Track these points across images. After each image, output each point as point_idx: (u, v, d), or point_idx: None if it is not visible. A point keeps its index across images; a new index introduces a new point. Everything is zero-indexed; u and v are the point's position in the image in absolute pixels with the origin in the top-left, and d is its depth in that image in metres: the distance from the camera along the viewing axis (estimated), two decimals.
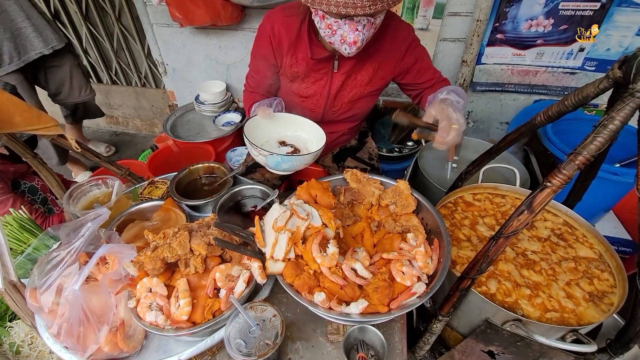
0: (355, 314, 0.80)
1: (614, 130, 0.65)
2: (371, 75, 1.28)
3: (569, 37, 1.81)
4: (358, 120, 1.51)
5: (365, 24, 1.01)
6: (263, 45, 1.27)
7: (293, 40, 1.21)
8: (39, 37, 2.04)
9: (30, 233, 1.24)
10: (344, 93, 1.33)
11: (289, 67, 1.28)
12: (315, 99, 1.35)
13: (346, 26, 1.00)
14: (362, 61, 1.25)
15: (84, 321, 0.81)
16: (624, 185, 1.53)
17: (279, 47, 1.24)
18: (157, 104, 3.22)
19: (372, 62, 1.25)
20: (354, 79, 1.29)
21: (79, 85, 2.41)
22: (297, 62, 1.26)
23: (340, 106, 1.37)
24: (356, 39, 1.02)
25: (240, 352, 0.77)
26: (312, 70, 1.27)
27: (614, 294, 0.98)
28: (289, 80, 1.34)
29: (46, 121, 1.12)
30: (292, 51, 1.24)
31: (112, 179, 1.29)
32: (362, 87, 1.31)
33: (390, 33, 1.21)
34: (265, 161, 1.05)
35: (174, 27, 2.43)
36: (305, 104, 1.38)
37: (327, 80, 1.29)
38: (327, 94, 1.33)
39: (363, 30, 1.01)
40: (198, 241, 0.91)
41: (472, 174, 1.26)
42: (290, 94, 1.39)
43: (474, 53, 1.95)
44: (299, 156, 1.05)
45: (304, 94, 1.35)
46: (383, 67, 1.27)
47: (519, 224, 0.76)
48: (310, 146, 1.21)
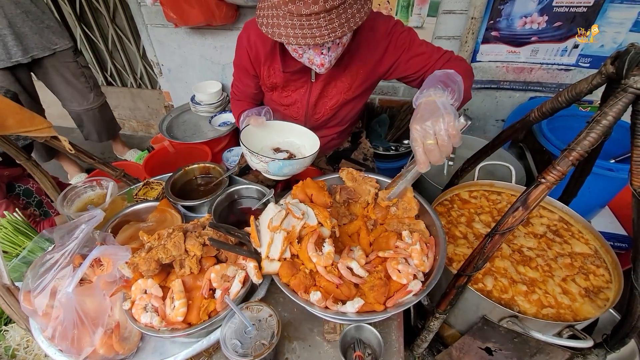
0: (351, 312, 0.80)
1: (607, 126, 0.65)
2: (350, 81, 1.23)
3: (563, 34, 1.81)
4: (345, 124, 1.47)
5: (331, 46, 0.98)
6: (242, 57, 1.27)
7: (269, 52, 1.19)
8: (19, 45, 2.01)
9: (25, 236, 1.23)
10: (324, 101, 1.30)
11: (267, 78, 1.27)
12: (296, 107, 1.33)
13: (311, 51, 0.99)
14: (339, 69, 1.20)
15: (78, 324, 0.81)
16: (619, 180, 1.53)
17: (256, 59, 1.23)
18: (153, 104, 3.20)
19: (350, 68, 1.20)
20: (333, 86, 1.25)
21: (77, 93, 2.38)
22: (275, 74, 1.24)
23: (322, 114, 1.34)
24: (322, 61, 1.01)
25: (236, 352, 0.77)
26: (290, 80, 1.25)
27: (609, 289, 0.98)
28: (268, 90, 1.33)
29: (39, 123, 1.11)
30: (269, 62, 1.22)
31: (107, 180, 1.28)
32: (342, 94, 1.27)
33: (365, 35, 1.13)
34: (266, 168, 1.05)
35: (169, 28, 2.42)
36: (287, 112, 1.37)
37: (306, 89, 1.27)
38: (306, 103, 1.30)
39: (328, 53, 0.99)
40: (193, 242, 0.91)
41: (468, 172, 1.26)
42: (271, 102, 1.39)
43: (469, 51, 1.95)
44: (299, 159, 1.06)
45: (285, 103, 1.34)
46: (362, 72, 1.22)
47: (514, 221, 0.76)
48: (303, 151, 1.22)
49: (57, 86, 2.33)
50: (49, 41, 2.12)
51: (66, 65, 2.26)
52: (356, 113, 1.45)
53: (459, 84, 0.89)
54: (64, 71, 2.27)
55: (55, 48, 2.15)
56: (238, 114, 1.36)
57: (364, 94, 1.33)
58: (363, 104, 1.43)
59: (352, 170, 1.10)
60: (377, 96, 2.34)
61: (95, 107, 2.48)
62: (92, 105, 2.46)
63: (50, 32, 2.12)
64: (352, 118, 1.47)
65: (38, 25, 2.05)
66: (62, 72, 2.27)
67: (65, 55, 2.23)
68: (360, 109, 1.44)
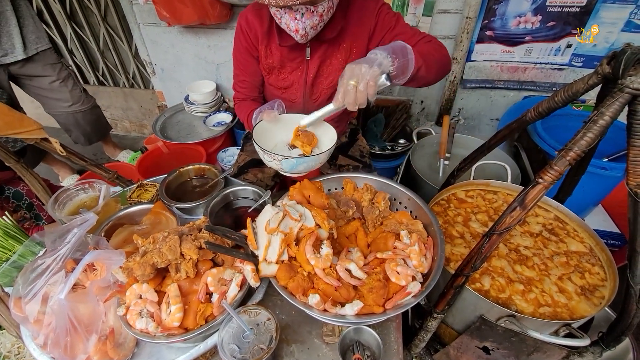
0: (350, 315, 0.79)
1: (604, 126, 0.65)
2: (345, 58, 1.25)
3: (557, 34, 1.83)
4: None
5: (304, 13, 1.01)
6: (241, 41, 1.28)
7: (265, 31, 1.22)
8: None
9: (15, 240, 1.20)
10: (320, 80, 1.31)
11: (264, 58, 1.28)
12: (294, 89, 1.34)
13: (286, 15, 1.03)
14: (333, 45, 1.23)
15: (71, 330, 0.79)
16: (612, 179, 1.55)
17: (255, 38, 1.25)
18: (146, 104, 3.16)
19: (344, 45, 1.23)
20: (328, 64, 1.27)
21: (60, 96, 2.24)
22: (271, 53, 1.26)
23: (319, 94, 1.35)
24: (297, 27, 1.04)
25: (234, 357, 0.76)
26: (286, 59, 1.26)
27: (605, 287, 0.99)
28: (266, 72, 1.33)
29: (29, 125, 1.09)
30: (266, 42, 1.25)
31: (100, 182, 1.26)
32: (338, 71, 1.28)
33: (356, 12, 1.18)
34: (279, 166, 1.02)
35: (162, 27, 2.39)
36: (285, 95, 1.36)
37: (303, 70, 1.28)
38: (304, 83, 1.31)
39: (302, 19, 1.02)
40: (189, 245, 0.89)
41: (464, 171, 1.26)
42: (269, 87, 1.38)
43: (464, 50, 1.96)
44: (314, 156, 1.02)
45: (282, 85, 1.34)
46: (356, 49, 1.24)
47: (512, 221, 0.76)
48: (320, 145, 1.16)
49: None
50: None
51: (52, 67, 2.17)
52: None
53: (409, 60, 0.94)
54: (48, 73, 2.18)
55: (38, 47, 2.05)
56: (247, 115, 1.33)
57: None
58: None
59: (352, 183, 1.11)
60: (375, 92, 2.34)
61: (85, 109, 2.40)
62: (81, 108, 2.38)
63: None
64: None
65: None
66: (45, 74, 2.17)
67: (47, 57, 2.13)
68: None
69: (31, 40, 1.97)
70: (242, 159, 1.59)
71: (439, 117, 2.32)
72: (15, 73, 2.04)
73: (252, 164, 1.54)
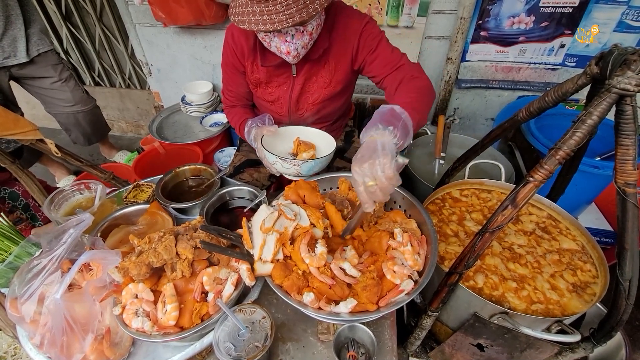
0: (344, 313, 0.80)
1: (592, 125, 0.66)
2: (330, 76, 1.26)
3: (550, 34, 1.84)
4: (330, 121, 1.48)
5: (294, 34, 1.02)
6: (229, 55, 1.30)
7: (251, 48, 1.23)
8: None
9: (11, 241, 1.20)
10: (306, 96, 1.32)
11: (251, 74, 1.30)
12: (280, 103, 1.35)
13: (276, 38, 1.03)
14: (318, 63, 1.23)
15: (67, 330, 0.79)
16: (605, 177, 1.57)
17: (241, 54, 1.27)
18: (142, 105, 3.16)
19: (328, 63, 1.23)
20: (314, 81, 1.28)
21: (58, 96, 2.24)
22: (258, 69, 1.27)
23: (305, 109, 1.36)
24: (288, 49, 1.05)
25: (229, 355, 0.76)
26: (272, 75, 1.28)
27: (596, 284, 1.00)
28: (253, 86, 1.35)
29: (24, 126, 1.09)
30: (252, 58, 1.26)
31: (95, 183, 1.26)
32: (323, 89, 1.29)
33: (340, 30, 1.17)
34: (299, 170, 1.13)
35: (158, 27, 2.38)
36: (272, 107, 1.38)
37: (288, 85, 1.29)
38: (289, 99, 1.32)
39: (293, 40, 1.03)
40: (184, 245, 0.90)
41: (458, 170, 1.27)
42: (257, 99, 1.41)
43: (458, 50, 1.97)
44: (325, 156, 1.15)
45: (269, 99, 1.36)
46: (340, 67, 1.24)
47: (504, 219, 0.77)
48: (318, 149, 1.30)
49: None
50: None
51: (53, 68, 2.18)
52: (339, 110, 1.46)
53: (405, 120, 0.87)
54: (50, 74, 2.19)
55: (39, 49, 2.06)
56: (239, 124, 1.38)
57: (345, 90, 1.35)
58: (345, 100, 1.45)
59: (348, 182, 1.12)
60: (368, 96, 2.35)
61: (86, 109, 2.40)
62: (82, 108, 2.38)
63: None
64: (335, 115, 1.48)
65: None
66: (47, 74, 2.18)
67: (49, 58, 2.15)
68: (343, 105, 1.46)
69: (33, 42, 1.98)
70: (238, 159, 1.59)
71: (434, 117, 2.34)
72: (17, 74, 2.05)
73: (248, 163, 1.55)
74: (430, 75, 1.16)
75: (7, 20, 1.85)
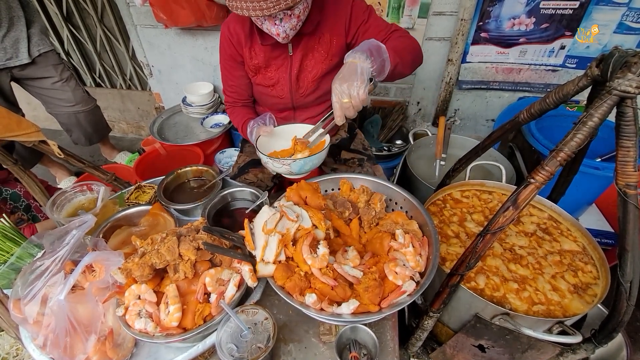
0: (346, 314, 0.80)
1: (593, 127, 0.67)
2: (327, 49, 1.29)
3: (550, 36, 1.85)
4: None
5: (283, 17, 1.07)
6: (226, 47, 1.34)
7: (248, 33, 1.27)
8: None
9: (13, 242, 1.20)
10: (305, 74, 1.34)
11: (250, 60, 1.32)
12: (280, 85, 1.37)
13: (266, 21, 1.09)
14: (313, 38, 1.27)
15: (70, 331, 0.79)
16: (606, 179, 1.57)
17: (238, 43, 1.30)
18: (143, 106, 3.16)
19: (324, 36, 1.27)
20: (311, 57, 1.31)
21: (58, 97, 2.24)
22: (256, 54, 1.31)
23: (305, 87, 1.38)
24: (277, 31, 1.11)
25: (232, 356, 0.76)
26: (270, 58, 1.31)
27: (597, 285, 1.00)
28: (252, 73, 1.37)
29: (27, 127, 1.09)
30: (249, 44, 1.29)
31: (97, 184, 1.26)
32: (320, 63, 1.32)
33: (331, 5, 1.23)
34: (289, 169, 1.14)
35: (159, 28, 2.39)
36: (273, 92, 1.40)
37: (287, 65, 1.32)
38: (289, 79, 1.35)
39: (281, 23, 1.09)
40: (187, 246, 0.90)
41: (459, 171, 1.28)
42: (257, 87, 1.42)
43: (459, 52, 1.98)
44: (316, 154, 1.14)
45: (269, 83, 1.37)
46: (335, 41, 1.28)
47: (505, 220, 0.77)
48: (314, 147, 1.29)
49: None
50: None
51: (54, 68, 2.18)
52: None
53: (385, 60, 1.02)
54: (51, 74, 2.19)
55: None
56: (242, 124, 1.41)
57: (341, 63, 1.37)
58: None
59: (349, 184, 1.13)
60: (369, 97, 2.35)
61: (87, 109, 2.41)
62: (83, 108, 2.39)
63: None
64: None
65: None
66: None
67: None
68: None
69: (34, 42, 1.99)
70: (242, 160, 1.60)
71: (435, 118, 2.34)
72: (18, 75, 2.06)
73: (252, 164, 1.55)
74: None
75: (10, 22, 1.86)
